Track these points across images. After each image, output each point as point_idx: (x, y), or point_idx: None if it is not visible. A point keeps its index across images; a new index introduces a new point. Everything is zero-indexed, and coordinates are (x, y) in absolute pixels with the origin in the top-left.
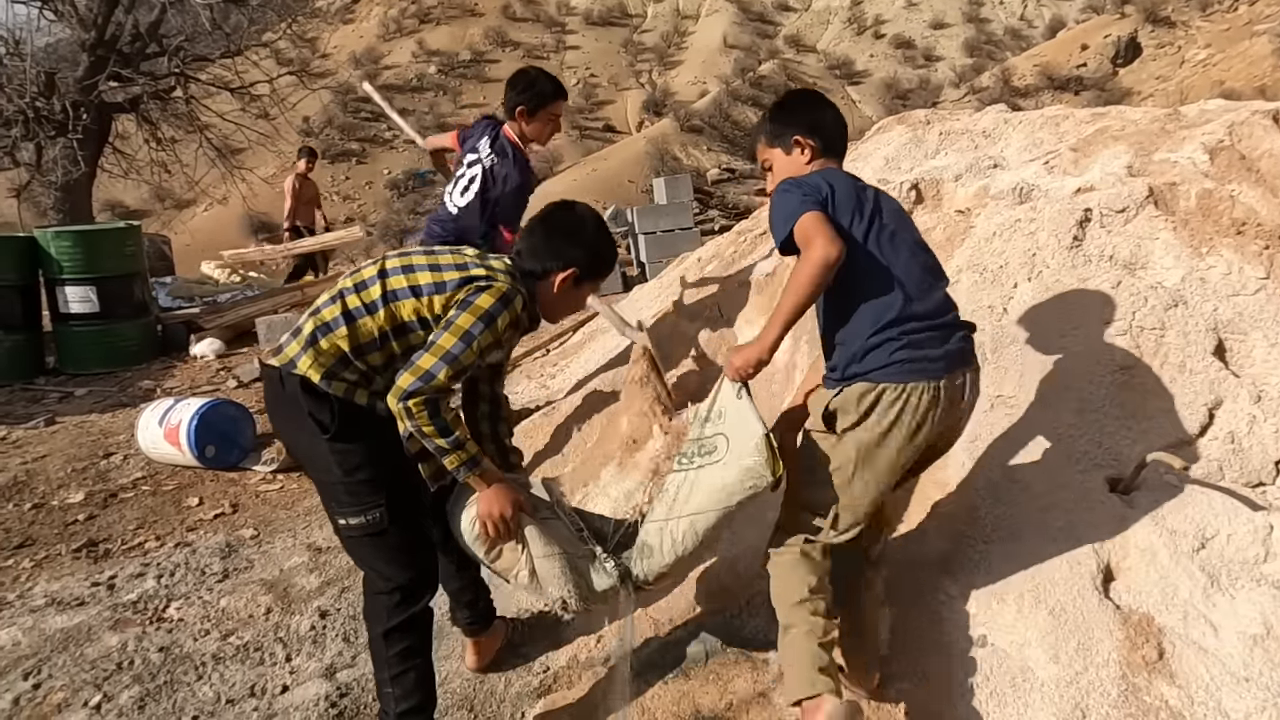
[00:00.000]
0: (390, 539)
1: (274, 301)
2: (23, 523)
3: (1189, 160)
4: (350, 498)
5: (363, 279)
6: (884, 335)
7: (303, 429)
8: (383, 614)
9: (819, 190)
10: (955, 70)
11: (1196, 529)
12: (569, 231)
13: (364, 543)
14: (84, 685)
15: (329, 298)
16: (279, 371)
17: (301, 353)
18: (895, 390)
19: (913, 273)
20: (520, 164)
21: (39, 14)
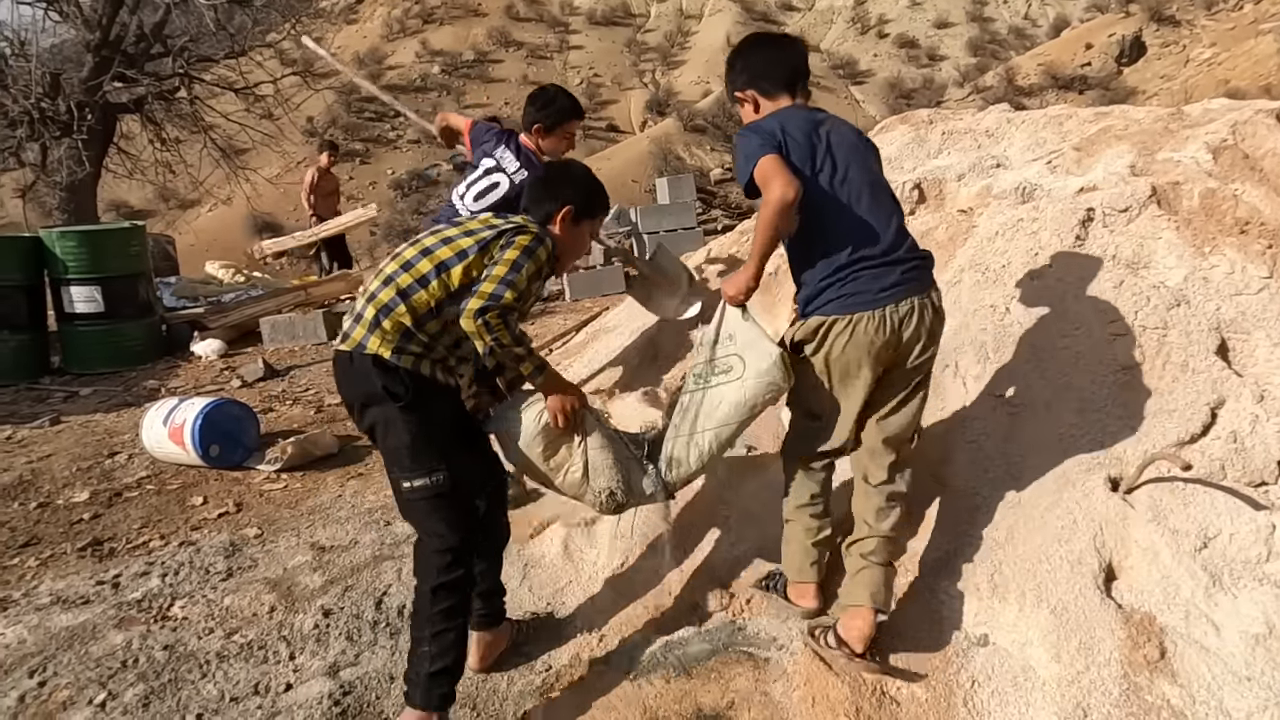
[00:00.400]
0: (448, 501)
1: (278, 301)
2: (28, 522)
3: (1192, 160)
4: (415, 462)
5: (407, 259)
6: (834, 278)
7: (375, 402)
8: (433, 571)
9: (773, 135)
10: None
11: (1199, 528)
12: (558, 178)
13: (424, 505)
14: (89, 683)
15: (381, 282)
16: (350, 354)
17: (368, 334)
18: (843, 321)
19: (863, 213)
20: (531, 160)
21: (44, 15)
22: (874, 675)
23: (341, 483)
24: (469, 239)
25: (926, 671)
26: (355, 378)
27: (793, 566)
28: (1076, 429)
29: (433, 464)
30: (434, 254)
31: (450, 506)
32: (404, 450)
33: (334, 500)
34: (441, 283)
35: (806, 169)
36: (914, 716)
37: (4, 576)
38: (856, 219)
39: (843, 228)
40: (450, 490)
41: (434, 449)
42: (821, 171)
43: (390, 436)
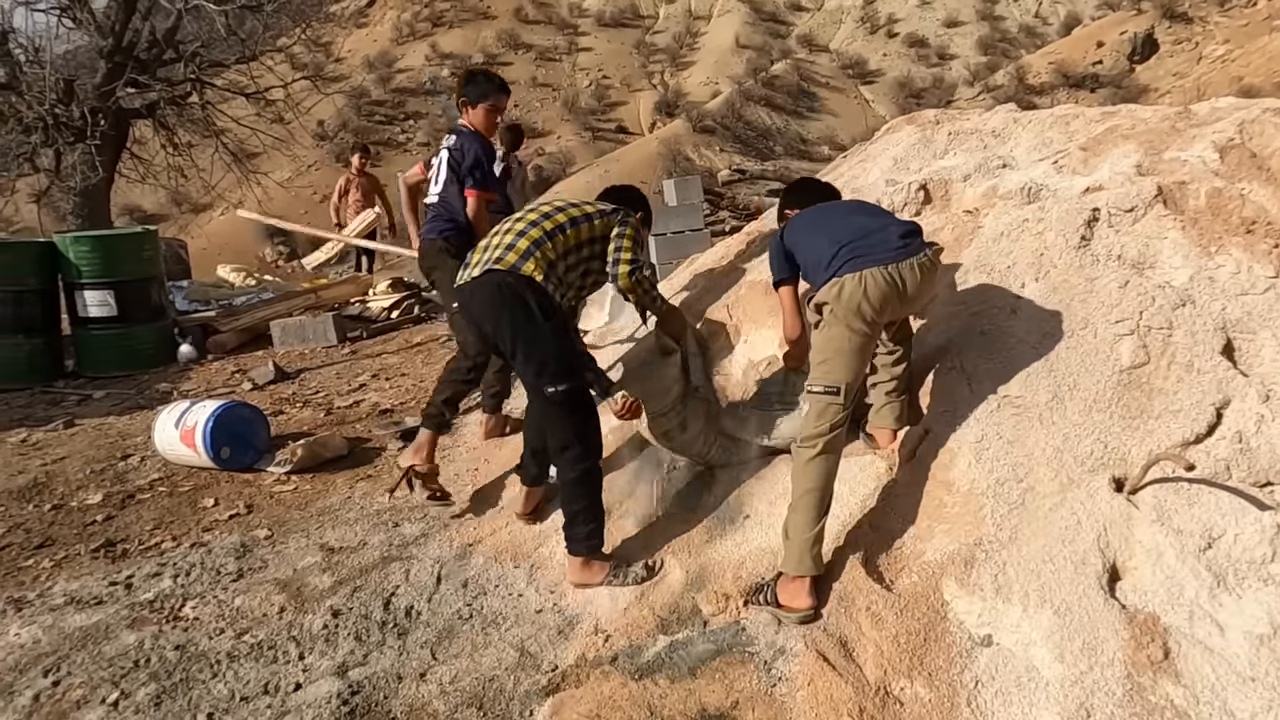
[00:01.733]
0: (584, 401)
1: (288, 304)
2: (43, 523)
3: (1199, 159)
4: (562, 367)
5: (544, 212)
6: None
7: (522, 318)
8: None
9: (784, 257)
10: (969, 68)
11: (1203, 529)
12: (637, 195)
13: (564, 407)
14: (102, 682)
15: (528, 224)
16: (501, 276)
17: (522, 260)
18: (854, 277)
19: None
20: (477, 138)
21: (58, 21)
22: None
23: (351, 485)
24: (590, 208)
25: (930, 671)
26: (505, 300)
27: (792, 559)
28: (1081, 429)
29: (577, 370)
30: (566, 211)
31: (585, 407)
32: (550, 360)
33: (343, 502)
34: (576, 233)
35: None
36: (918, 717)
37: (19, 577)
38: (854, 222)
39: (845, 228)
40: (583, 392)
41: (577, 357)
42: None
43: (537, 348)
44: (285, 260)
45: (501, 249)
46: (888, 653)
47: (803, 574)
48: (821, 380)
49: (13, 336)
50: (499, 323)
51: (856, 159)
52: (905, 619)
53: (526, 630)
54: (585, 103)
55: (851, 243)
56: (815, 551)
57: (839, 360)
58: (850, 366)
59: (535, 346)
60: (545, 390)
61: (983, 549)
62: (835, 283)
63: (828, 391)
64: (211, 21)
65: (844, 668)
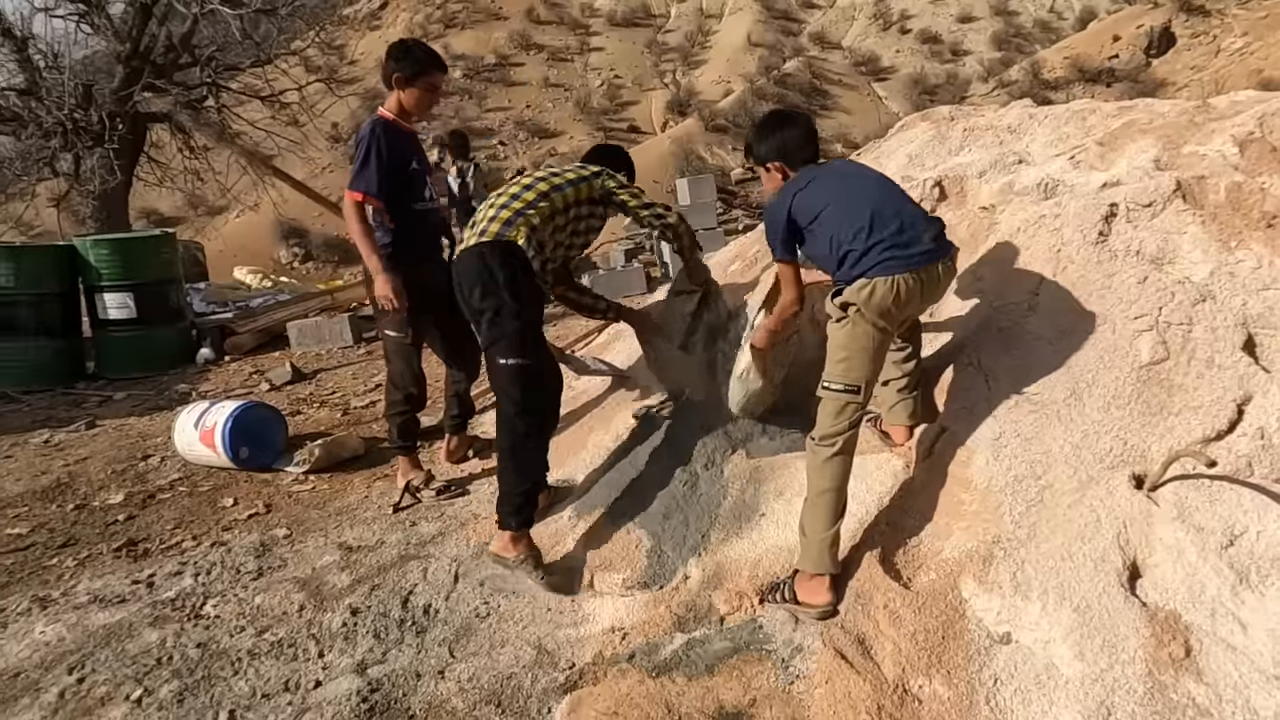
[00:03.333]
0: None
1: (305, 306)
2: (66, 523)
3: (1218, 153)
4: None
5: (525, 184)
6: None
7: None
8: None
9: (780, 227)
10: (983, 64)
11: (1225, 526)
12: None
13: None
14: (126, 679)
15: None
16: (484, 246)
17: (505, 228)
18: (885, 281)
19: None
20: (379, 126)
21: (76, 27)
22: None
23: (368, 484)
24: (572, 173)
25: (949, 669)
26: (482, 263)
27: (811, 557)
28: (1100, 426)
29: (527, 347)
30: (549, 180)
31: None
32: (511, 331)
33: (361, 501)
34: (563, 197)
35: (819, 199)
36: (936, 715)
37: (43, 576)
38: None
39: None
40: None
41: (532, 336)
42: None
43: (500, 317)
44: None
45: (487, 220)
46: (906, 650)
47: (821, 572)
48: (842, 378)
49: (35, 339)
50: (474, 288)
51: (870, 156)
52: (923, 617)
53: (544, 628)
54: (597, 102)
55: (884, 241)
56: (833, 550)
57: (861, 358)
58: (871, 365)
59: (499, 315)
60: (498, 361)
61: (1001, 546)
62: (866, 284)
63: (848, 390)
64: (227, 25)
65: (862, 665)
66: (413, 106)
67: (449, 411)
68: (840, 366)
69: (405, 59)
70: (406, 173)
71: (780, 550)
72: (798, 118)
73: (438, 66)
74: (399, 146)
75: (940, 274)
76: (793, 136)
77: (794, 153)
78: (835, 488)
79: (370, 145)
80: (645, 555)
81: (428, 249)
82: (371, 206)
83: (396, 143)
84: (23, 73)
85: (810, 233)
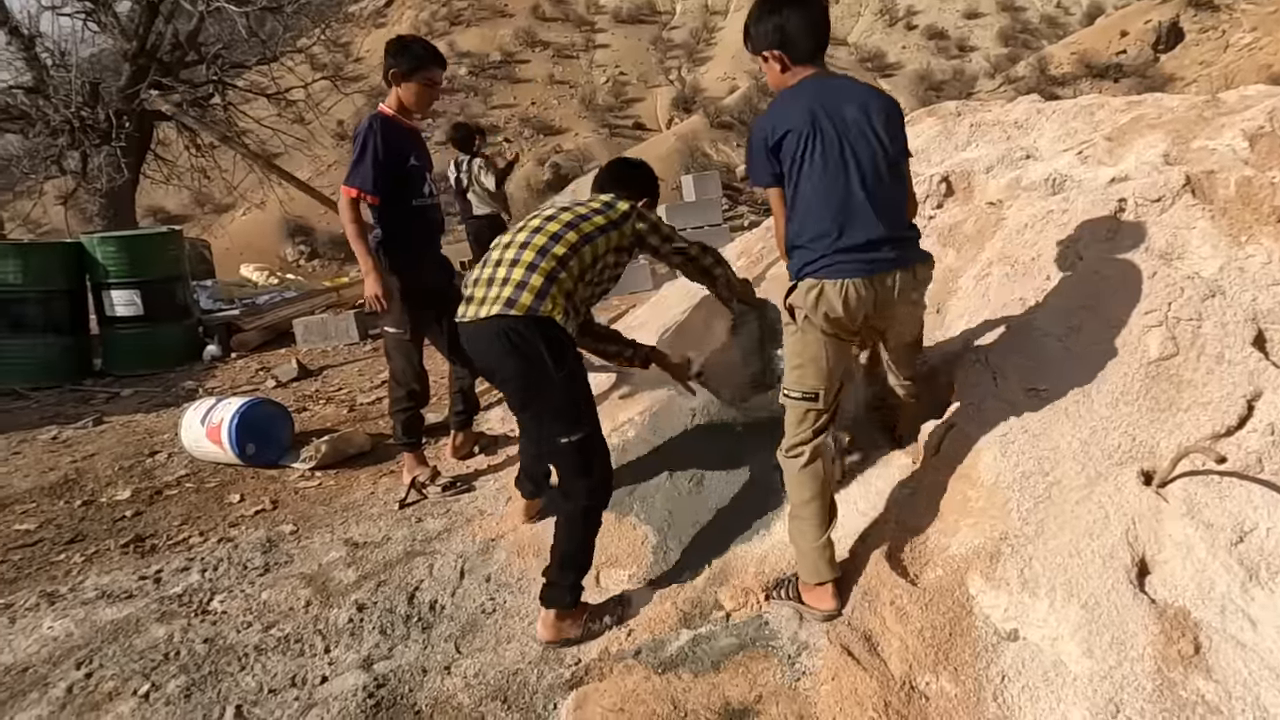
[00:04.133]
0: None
1: (311, 303)
2: (73, 519)
3: (1228, 148)
4: (574, 416)
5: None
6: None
7: (535, 371)
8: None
9: (766, 147)
10: (990, 60)
11: (1234, 522)
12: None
13: (577, 456)
14: (133, 674)
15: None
16: (512, 323)
17: (539, 301)
18: (834, 285)
19: (858, 191)
20: (377, 122)
21: (83, 25)
22: None
23: (374, 480)
24: (600, 218)
25: (955, 666)
26: (513, 346)
27: (807, 568)
28: (1108, 422)
29: (584, 419)
30: (578, 228)
31: (596, 453)
32: (564, 409)
33: (367, 497)
34: (594, 249)
35: (797, 164)
36: (943, 712)
37: (51, 571)
38: (854, 199)
39: (838, 206)
40: (595, 439)
41: (586, 404)
42: (812, 164)
43: (550, 402)
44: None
45: (513, 287)
46: (912, 647)
47: (821, 581)
48: (798, 386)
49: (43, 336)
50: (507, 374)
51: None
52: (930, 613)
53: None
54: (603, 100)
55: (844, 242)
56: (828, 556)
57: (814, 367)
58: (826, 371)
59: (548, 400)
60: (559, 441)
61: (1008, 543)
62: (812, 285)
63: (805, 397)
64: (232, 23)
65: (868, 662)
66: (411, 102)
67: (454, 408)
68: (795, 374)
69: (403, 55)
70: (405, 169)
71: (786, 546)
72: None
73: (436, 62)
74: (397, 143)
75: (897, 283)
76: (797, 18)
77: (798, 39)
78: (816, 496)
79: (367, 141)
80: (651, 552)
81: (426, 245)
82: (366, 202)
83: (394, 139)
84: (30, 71)
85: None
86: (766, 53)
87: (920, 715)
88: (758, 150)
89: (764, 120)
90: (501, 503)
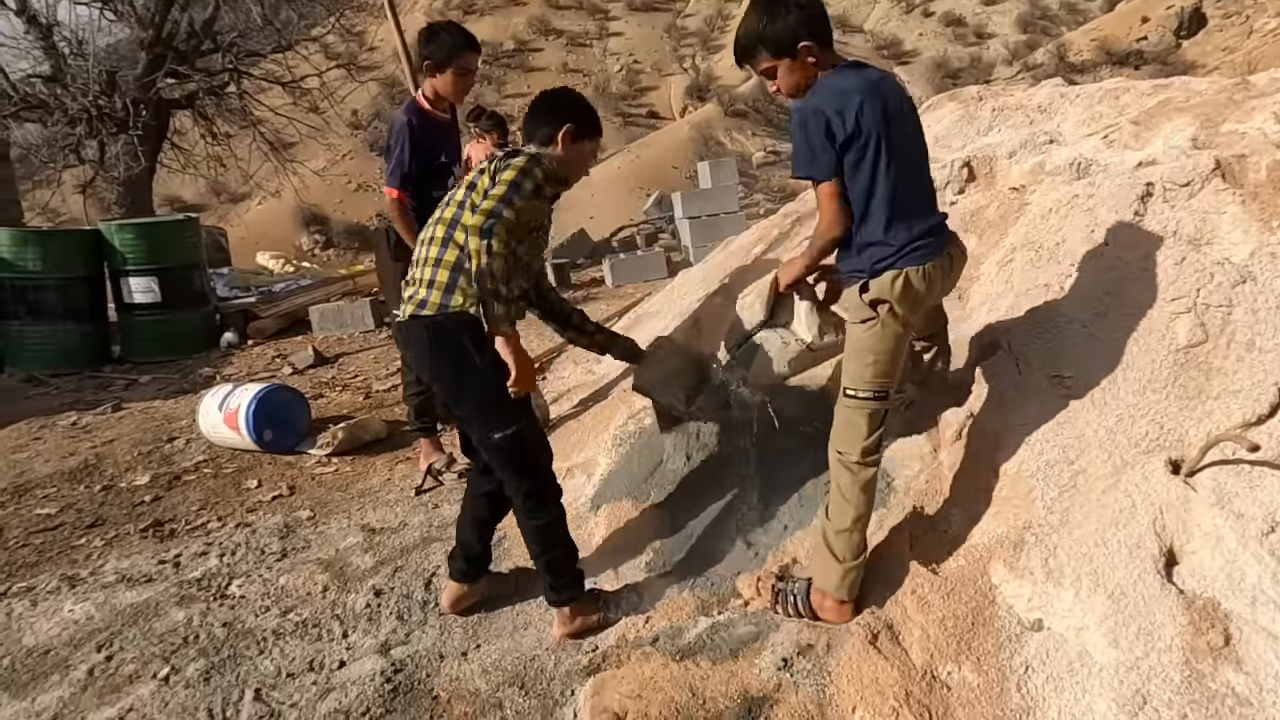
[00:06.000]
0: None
1: (326, 290)
2: (93, 504)
3: (1259, 131)
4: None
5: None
6: (906, 238)
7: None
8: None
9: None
10: (1008, 47)
11: (1266, 512)
12: (557, 101)
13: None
14: (153, 658)
15: (438, 250)
16: (428, 321)
17: (447, 296)
18: (916, 271)
19: (916, 179)
20: (411, 113)
21: (100, 14)
22: None
23: (390, 467)
24: (506, 173)
25: (979, 656)
26: (431, 344)
27: (832, 581)
28: (1135, 410)
29: (516, 413)
30: (467, 207)
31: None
32: (492, 404)
33: (383, 484)
34: None
35: (879, 152)
36: (965, 702)
37: (72, 555)
38: (914, 187)
39: (914, 196)
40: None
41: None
42: (886, 151)
43: (477, 397)
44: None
45: (425, 286)
46: (934, 637)
47: (847, 599)
48: (871, 384)
49: (62, 323)
50: (433, 375)
51: None
52: (952, 603)
53: None
54: (616, 88)
55: (918, 229)
56: (862, 574)
57: (891, 361)
58: (900, 364)
59: (474, 398)
60: (492, 438)
61: (1032, 532)
62: (896, 275)
63: (877, 396)
64: (248, 12)
65: (890, 651)
66: (447, 91)
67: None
68: (869, 370)
69: (433, 43)
70: (433, 164)
71: (804, 535)
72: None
73: (470, 47)
74: (427, 140)
75: (952, 262)
76: (819, 7)
77: (825, 23)
78: (868, 513)
79: (403, 139)
80: (668, 539)
81: None
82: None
83: (426, 137)
84: (48, 60)
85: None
86: (802, 45)
87: (942, 705)
88: (818, 140)
89: (821, 108)
90: None
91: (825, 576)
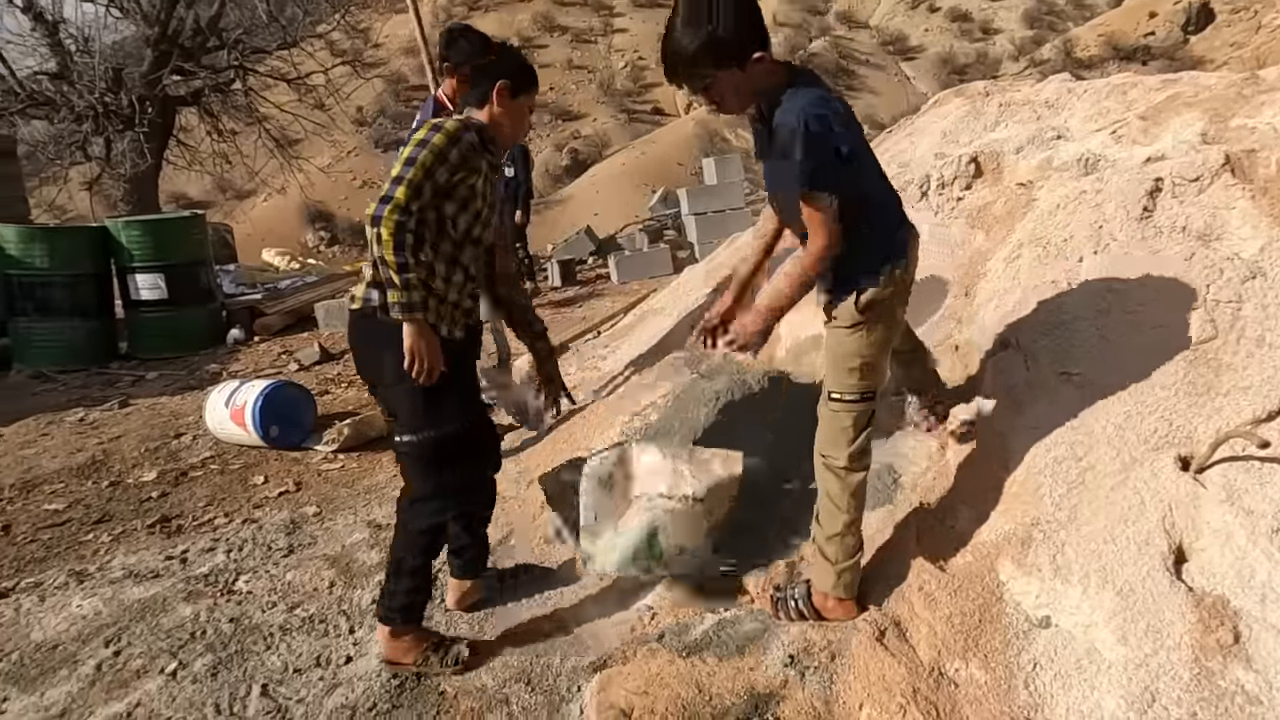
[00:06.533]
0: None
1: (332, 287)
2: (101, 499)
3: (1269, 126)
4: (413, 417)
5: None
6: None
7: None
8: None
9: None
10: (1014, 43)
11: (1276, 509)
12: (492, 59)
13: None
14: (161, 653)
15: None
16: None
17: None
18: (901, 263)
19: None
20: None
21: (106, 11)
22: None
23: (395, 463)
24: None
25: (986, 653)
26: (358, 337)
27: (843, 583)
28: (1144, 406)
29: (426, 422)
30: None
31: (440, 459)
32: (403, 407)
33: (389, 480)
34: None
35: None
36: (973, 699)
37: (80, 551)
38: (885, 180)
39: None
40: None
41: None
42: (867, 154)
43: (393, 394)
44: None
45: (360, 281)
46: (942, 633)
47: (848, 598)
48: (858, 388)
49: (69, 319)
50: (359, 369)
51: (904, 133)
52: (960, 599)
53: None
54: (621, 85)
55: (895, 215)
56: (857, 573)
57: (881, 362)
58: (886, 363)
59: (392, 395)
60: (398, 440)
61: (1040, 529)
62: (893, 270)
63: (865, 398)
64: (253, 8)
65: (897, 648)
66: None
67: None
68: (857, 373)
69: (452, 49)
70: None
71: (808, 531)
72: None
73: (485, 54)
74: None
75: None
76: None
77: (767, 36)
78: (860, 516)
79: None
80: None
81: None
82: None
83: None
84: (54, 57)
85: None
86: (760, 54)
87: (949, 702)
88: (827, 155)
89: (824, 117)
90: (522, 486)
91: (823, 578)
